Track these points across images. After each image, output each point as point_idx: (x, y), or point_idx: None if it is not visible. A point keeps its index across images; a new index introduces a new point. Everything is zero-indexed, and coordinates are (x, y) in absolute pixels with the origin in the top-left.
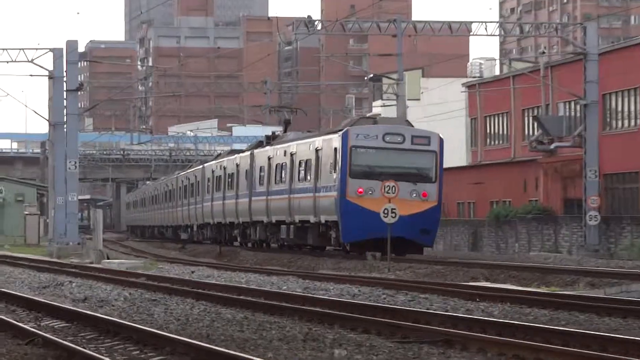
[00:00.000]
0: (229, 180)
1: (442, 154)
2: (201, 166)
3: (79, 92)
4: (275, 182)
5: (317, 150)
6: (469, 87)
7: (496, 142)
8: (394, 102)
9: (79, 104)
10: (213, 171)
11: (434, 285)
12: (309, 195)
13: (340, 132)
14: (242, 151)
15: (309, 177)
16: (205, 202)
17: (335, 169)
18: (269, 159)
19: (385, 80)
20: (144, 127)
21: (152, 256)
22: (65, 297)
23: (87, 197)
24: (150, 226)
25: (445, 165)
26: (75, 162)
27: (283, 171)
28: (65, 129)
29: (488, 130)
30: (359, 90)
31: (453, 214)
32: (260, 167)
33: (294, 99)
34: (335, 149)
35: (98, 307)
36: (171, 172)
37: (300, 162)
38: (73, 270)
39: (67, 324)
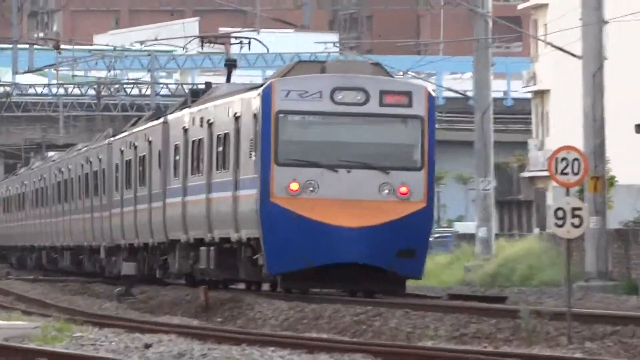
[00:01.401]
0: (140, 169)
1: (433, 121)
2: (106, 142)
3: None
4: (192, 172)
5: (236, 118)
6: None
7: None
8: None
9: None
10: (122, 152)
11: None
12: (226, 195)
13: (261, 88)
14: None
15: (227, 164)
16: (114, 207)
17: (254, 150)
18: (185, 131)
19: None
20: (41, 36)
21: (60, 311)
22: None
23: None
24: (32, 247)
25: None
26: None
27: (200, 153)
28: None
29: None
30: None
31: None
32: (175, 145)
33: None
34: (255, 115)
35: None
36: (99, 134)
37: (218, 138)
38: None
39: None
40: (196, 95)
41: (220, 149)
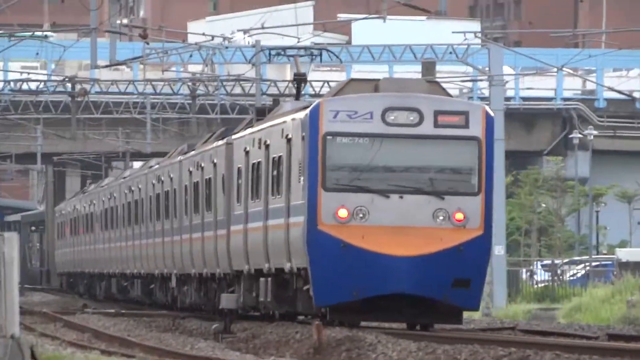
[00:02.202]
0: (206, 192)
1: (492, 142)
2: (177, 159)
3: None
4: (252, 198)
5: (287, 140)
6: None
7: None
8: None
9: None
10: (190, 172)
11: None
12: (279, 223)
13: (309, 109)
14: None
15: (281, 189)
16: (184, 232)
17: (302, 174)
18: (247, 153)
19: None
20: (125, 23)
21: (147, 351)
22: None
23: None
24: (101, 274)
25: None
26: None
27: (259, 177)
28: None
29: None
30: None
31: None
32: (238, 168)
33: None
34: (303, 137)
35: None
36: (200, 135)
37: (274, 160)
38: None
39: None
40: (262, 113)
41: (275, 172)
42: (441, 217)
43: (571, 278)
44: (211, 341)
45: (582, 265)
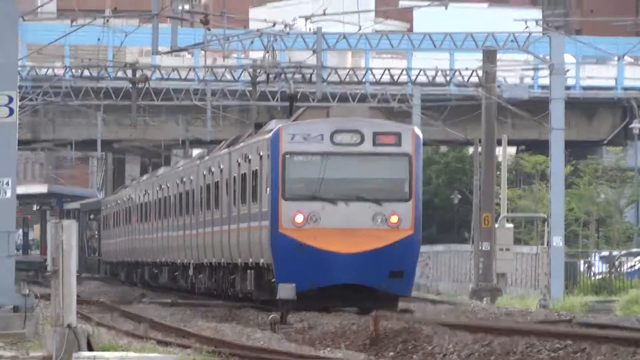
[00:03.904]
0: (215, 193)
1: (420, 157)
2: (197, 162)
3: None
4: (242, 202)
5: (260, 157)
6: None
7: None
8: None
9: None
10: (204, 175)
11: None
12: (256, 225)
13: (270, 133)
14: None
15: (257, 197)
16: (199, 227)
17: (268, 186)
18: (239, 165)
19: None
20: (186, 9)
21: (203, 341)
22: None
23: (39, 189)
24: (137, 263)
25: None
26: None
27: (245, 186)
28: None
29: None
30: None
31: None
32: (234, 177)
33: None
34: (268, 156)
35: None
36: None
37: (253, 173)
38: None
39: None
40: (259, 127)
41: (254, 183)
42: (379, 220)
43: (629, 270)
44: (268, 332)
45: None
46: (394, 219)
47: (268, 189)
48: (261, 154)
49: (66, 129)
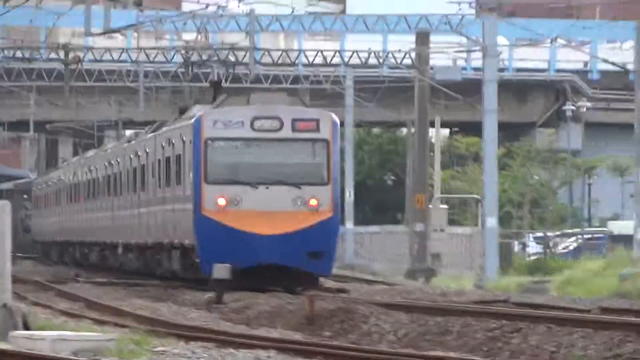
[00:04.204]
0: (141, 176)
1: (337, 143)
2: (124, 145)
3: None
4: (167, 185)
5: (182, 142)
6: None
7: None
8: None
9: None
10: (130, 158)
11: None
12: (180, 207)
13: (193, 119)
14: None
15: (180, 180)
16: (125, 208)
17: (190, 170)
18: (162, 148)
19: None
20: None
21: (139, 321)
22: None
23: None
24: (73, 243)
25: None
26: None
27: (169, 169)
28: None
29: None
30: None
31: None
32: (159, 160)
33: None
34: (190, 141)
35: None
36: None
37: (177, 157)
38: None
39: None
40: (183, 112)
41: (177, 166)
42: (299, 203)
43: (563, 251)
44: (204, 311)
45: (574, 238)
46: (313, 202)
47: (191, 173)
48: (184, 139)
49: None
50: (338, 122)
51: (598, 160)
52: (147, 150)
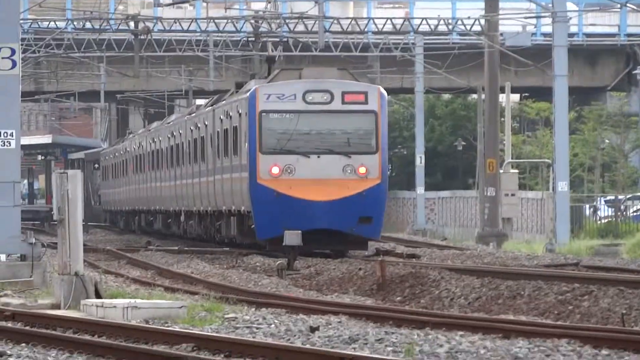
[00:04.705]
0: (201, 147)
1: (385, 114)
2: (185, 117)
3: None
4: (225, 155)
5: (239, 114)
6: None
7: None
8: None
9: None
10: (192, 130)
11: None
12: (235, 176)
13: (248, 93)
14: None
15: (237, 150)
16: (194, 177)
17: (246, 141)
18: (221, 121)
19: None
20: None
21: (210, 288)
22: None
23: (44, 140)
24: (134, 211)
25: None
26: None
27: (227, 140)
28: None
29: None
30: None
31: None
32: (217, 132)
33: None
34: (246, 114)
35: None
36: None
37: (235, 129)
38: (7, 326)
39: None
40: (240, 87)
41: (235, 138)
42: (349, 171)
43: (635, 214)
44: (275, 278)
45: None
46: (362, 170)
47: (246, 144)
48: (240, 112)
49: (69, 80)
50: (386, 94)
51: None
52: (206, 122)
